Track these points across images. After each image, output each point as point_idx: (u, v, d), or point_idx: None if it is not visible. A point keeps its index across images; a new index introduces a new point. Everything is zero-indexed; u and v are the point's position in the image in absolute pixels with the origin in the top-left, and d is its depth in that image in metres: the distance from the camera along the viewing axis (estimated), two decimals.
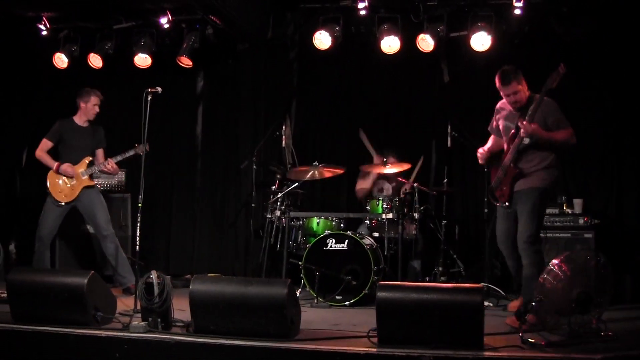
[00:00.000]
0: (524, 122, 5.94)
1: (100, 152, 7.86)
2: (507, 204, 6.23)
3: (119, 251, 7.74)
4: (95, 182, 7.84)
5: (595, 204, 8.20)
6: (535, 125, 5.96)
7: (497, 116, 6.48)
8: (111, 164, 7.68)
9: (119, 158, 7.72)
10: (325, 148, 9.37)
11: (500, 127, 6.41)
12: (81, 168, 7.70)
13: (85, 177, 7.70)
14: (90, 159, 7.77)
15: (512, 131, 6.19)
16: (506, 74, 6.14)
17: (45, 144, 7.79)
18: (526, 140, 6.03)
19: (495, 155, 6.52)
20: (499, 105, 6.50)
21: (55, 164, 7.65)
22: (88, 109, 7.81)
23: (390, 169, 8.12)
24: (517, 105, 6.17)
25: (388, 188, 8.45)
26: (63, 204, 7.66)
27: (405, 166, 8.13)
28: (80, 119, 7.87)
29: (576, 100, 8.49)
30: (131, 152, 7.66)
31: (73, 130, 7.83)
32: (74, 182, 7.67)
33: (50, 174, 7.70)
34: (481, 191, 8.40)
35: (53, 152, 7.86)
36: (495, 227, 6.53)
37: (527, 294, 5.91)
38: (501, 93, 6.23)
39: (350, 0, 8.59)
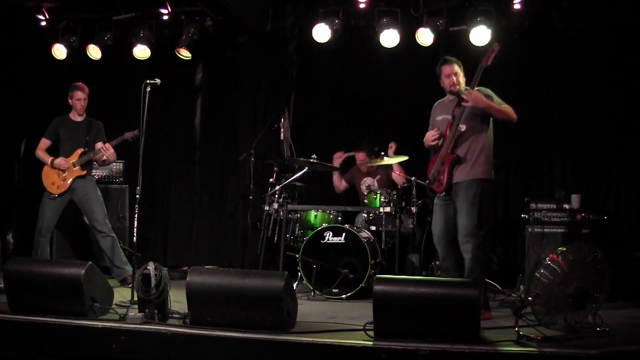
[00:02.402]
0: (469, 90, 6.01)
1: (99, 145, 7.86)
2: (443, 193, 6.19)
3: (115, 244, 7.78)
4: (86, 172, 7.83)
5: (594, 200, 8.19)
6: (478, 93, 6.00)
7: (433, 116, 6.53)
8: (109, 147, 7.68)
9: (113, 143, 7.75)
10: (323, 141, 9.36)
11: (438, 123, 6.41)
12: (73, 159, 7.75)
13: (77, 167, 7.73)
14: (83, 150, 7.78)
15: (450, 120, 6.23)
16: (449, 57, 6.32)
17: (44, 142, 7.92)
18: (463, 127, 6.12)
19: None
20: (434, 108, 6.58)
21: (49, 159, 7.73)
22: (74, 104, 7.91)
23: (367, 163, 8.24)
24: (455, 88, 6.23)
25: (373, 183, 8.47)
26: (56, 195, 7.70)
27: (379, 160, 8.16)
28: (74, 115, 7.97)
29: (576, 95, 8.52)
30: (120, 140, 7.75)
31: (67, 126, 7.93)
32: (66, 173, 7.72)
33: (45, 169, 7.78)
34: None
35: (54, 149, 7.91)
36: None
37: None
38: (443, 74, 6.30)
39: None
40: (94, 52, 9.19)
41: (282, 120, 8.73)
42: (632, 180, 8.29)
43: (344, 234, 7.35)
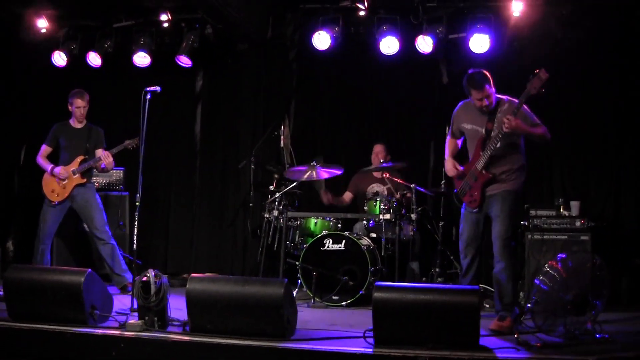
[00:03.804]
0: (509, 117, 5.85)
1: (98, 153, 7.88)
2: (477, 209, 6.18)
3: (115, 252, 7.79)
4: (86, 180, 7.84)
5: (593, 207, 8.20)
6: (519, 120, 5.91)
7: (459, 121, 6.40)
8: (108, 156, 7.70)
9: (113, 151, 7.77)
10: (323, 148, 9.37)
11: (466, 130, 6.35)
12: (73, 167, 7.75)
13: (77, 175, 7.73)
14: (83, 157, 7.79)
15: (482, 135, 6.14)
16: (478, 78, 6.06)
17: (45, 149, 7.93)
18: (498, 144, 5.99)
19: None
20: (457, 110, 6.44)
21: (49, 167, 7.74)
22: (73, 111, 7.89)
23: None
24: (487, 109, 6.12)
25: (383, 190, 8.45)
26: (56, 203, 7.71)
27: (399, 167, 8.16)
28: (74, 121, 7.95)
29: (575, 102, 8.53)
30: (120, 147, 7.76)
31: (67, 132, 7.91)
32: (66, 181, 7.72)
33: (45, 176, 7.79)
34: None
35: (54, 155, 7.94)
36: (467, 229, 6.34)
37: (507, 296, 5.93)
38: (472, 97, 6.11)
39: (349, 1, 8.59)
40: (95, 59, 9.20)
41: (282, 127, 8.74)
42: (631, 186, 8.29)
43: (343, 241, 7.35)
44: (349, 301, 7.15)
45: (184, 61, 9.07)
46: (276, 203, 8.05)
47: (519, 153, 6.19)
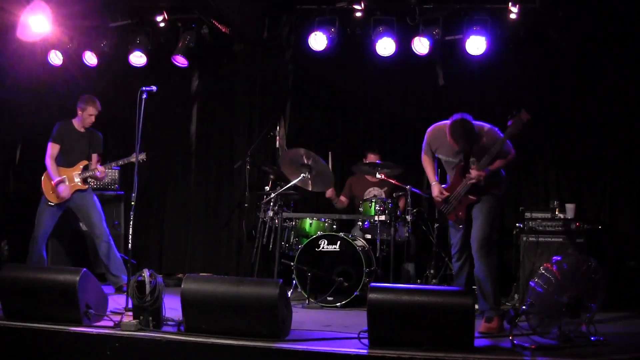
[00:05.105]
0: (475, 172, 6.00)
1: (94, 157, 7.86)
2: (463, 226, 6.23)
3: (112, 251, 7.75)
4: (87, 187, 7.83)
5: (588, 209, 8.22)
6: (484, 173, 6.00)
7: (433, 146, 6.41)
8: (102, 171, 7.71)
9: (114, 164, 7.77)
10: (319, 149, 9.35)
11: (441, 159, 6.39)
12: (76, 171, 7.72)
13: (78, 180, 7.72)
14: (86, 163, 7.78)
15: (461, 165, 6.20)
16: (459, 132, 5.97)
17: (54, 148, 7.77)
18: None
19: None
20: (429, 134, 6.42)
21: (55, 179, 7.63)
22: (84, 117, 7.80)
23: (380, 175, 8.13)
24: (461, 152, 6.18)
25: (380, 193, 8.45)
26: (54, 203, 7.67)
27: (396, 170, 8.13)
28: (77, 124, 7.88)
29: (571, 104, 8.54)
30: (126, 160, 7.70)
31: (72, 134, 7.83)
32: (67, 184, 7.68)
33: (46, 175, 7.72)
34: None
35: None
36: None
37: (488, 295, 5.98)
38: (448, 140, 6.06)
39: (346, 2, 8.58)
40: (91, 58, 9.18)
41: (278, 128, 8.73)
42: (626, 189, 8.31)
43: (338, 242, 7.35)
44: (343, 302, 7.15)
45: (180, 61, 9.06)
46: (271, 204, 8.04)
47: (498, 173, 6.25)
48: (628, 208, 8.29)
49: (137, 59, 9.15)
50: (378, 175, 8.10)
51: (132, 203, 6.30)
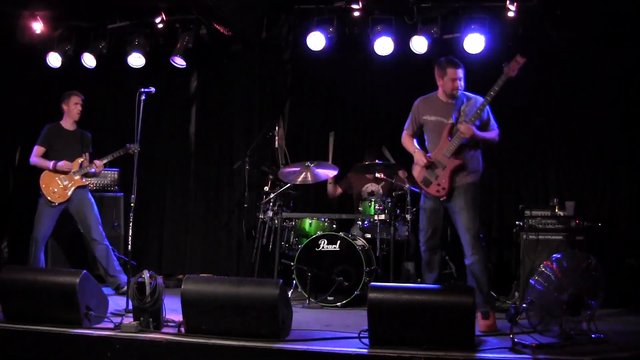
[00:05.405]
0: (464, 124, 6.08)
1: (85, 157, 7.85)
2: (445, 197, 6.22)
3: (109, 254, 7.74)
4: (87, 182, 7.82)
5: (588, 207, 8.22)
6: (474, 128, 6.08)
7: (420, 114, 6.51)
8: (98, 165, 7.70)
9: (109, 158, 7.74)
10: (318, 149, 9.36)
11: (429, 122, 6.43)
12: (74, 168, 7.70)
13: (78, 176, 7.70)
14: (82, 159, 7.77)
15: (450, 122, 6.24)
16: (456, 60, 6.31)
17: (39, 150, 7.77)
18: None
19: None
20: (417, 104, 6.58)
21: (51, 163, 7.63)
22: (70, 109, 7.81)
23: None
24: (457, 92, 6.29)
25: (378, 189, 8.44)
26: (56, 204, 7.64)
27: (395, 169, 8.13)
28: (66, 123, 7.88)
29: (570, 102, 8.54)
30: (121, 152, 7.68)
31: (61, 135, 7.83)
32: (67, 182, 7.67)
33: (45, 175, 7.68)
34: None
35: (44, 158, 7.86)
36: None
37: (484, 288, 6.03)
38: (447, 75, 6.26)
39: (344, 2, 8.59)
40: (89, 60, 9.18)
41: (277, 128, 8.74)
42: (626, 187, 8.31)
43: (338, 242, 7.35)
44: (344, 302, 7.15)
45: (179, 62, 9.05)
46: (271, 204, 8.05)
47: (478, 146, 6.32)
48: (628, 205, 8.28)
49: (136, 60, 9.15)
50: (377, 175, 8.10)
51: (132, 204, 6.31)
